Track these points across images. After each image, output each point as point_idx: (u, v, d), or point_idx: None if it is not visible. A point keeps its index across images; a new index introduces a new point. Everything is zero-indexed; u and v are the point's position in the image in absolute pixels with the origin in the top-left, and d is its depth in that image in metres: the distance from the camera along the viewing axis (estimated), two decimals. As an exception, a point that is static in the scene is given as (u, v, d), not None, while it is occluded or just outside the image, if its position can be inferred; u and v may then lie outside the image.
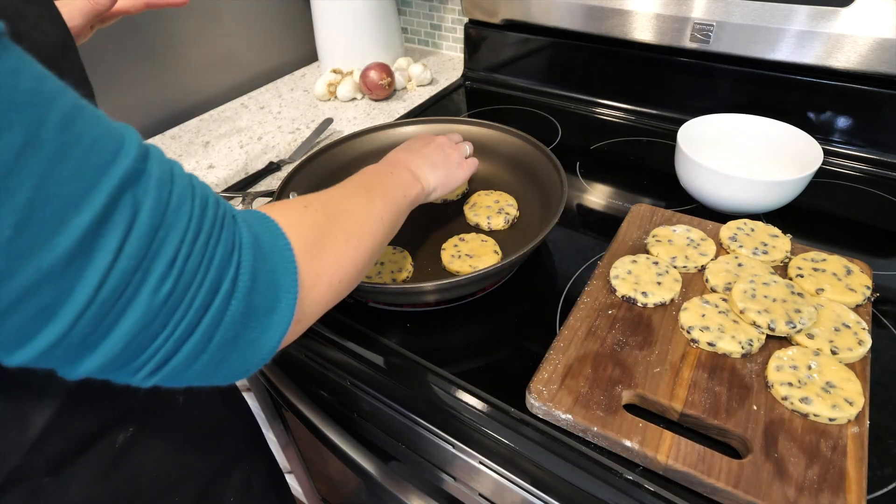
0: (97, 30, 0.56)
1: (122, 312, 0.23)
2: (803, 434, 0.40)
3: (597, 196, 0.73)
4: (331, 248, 0.35)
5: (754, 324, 0.47)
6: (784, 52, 0.73)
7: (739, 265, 0.53)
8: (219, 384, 0.29)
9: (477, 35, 1.01)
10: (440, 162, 0.56)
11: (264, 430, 0.95)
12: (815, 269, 0.52)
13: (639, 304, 0.51)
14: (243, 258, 0.28)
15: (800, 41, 0.72)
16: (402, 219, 0.49)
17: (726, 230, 0.58)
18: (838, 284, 0.50)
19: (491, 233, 0.64)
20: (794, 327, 0.46)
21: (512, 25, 0.96)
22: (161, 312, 0.24)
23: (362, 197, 0.43)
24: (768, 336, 0.47)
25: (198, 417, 0.46)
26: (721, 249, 0.57)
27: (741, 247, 0.55)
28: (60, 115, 0.21)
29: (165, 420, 0.43)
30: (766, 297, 0.48)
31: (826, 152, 0.71)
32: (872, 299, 0.50)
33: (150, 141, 0.92)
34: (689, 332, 0.47)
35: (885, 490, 0.40)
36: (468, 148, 0.63)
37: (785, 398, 0.42)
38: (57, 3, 0.38)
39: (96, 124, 0.23)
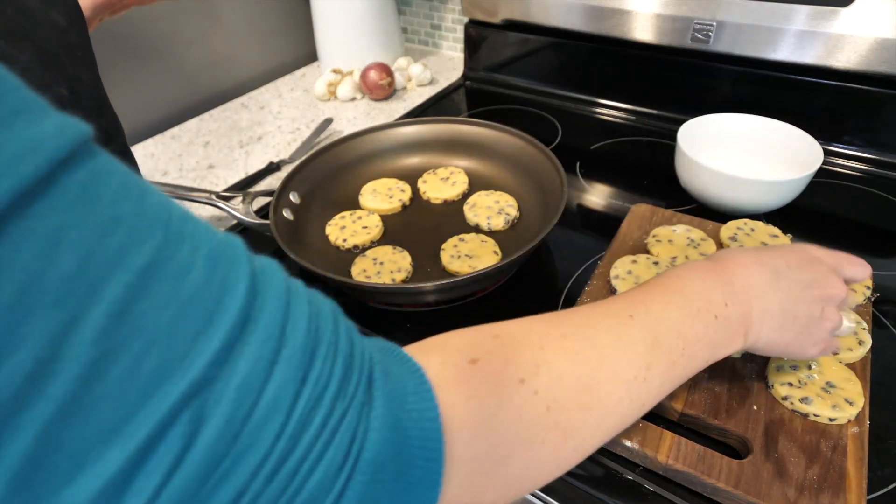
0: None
1: None
2: (803, 434, 0.40)
3: (597, 196, 0.73)
4: (526, 458, 0.23)
5: None
6: (784, 52, 0.73)
7: (739, 265, 0.53)
8: None
9: (477, 35, 1.01)
10: (803, 323, 0.35)
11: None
12: (815, 269, 0.52)
13: (639, 304, 0.51)
14: (352, 483, 0.18)
15: (800, 41, 0.72)
16: (687, 375, 0.32)
17: (726, 230, 0.58)
18: (838, 284, 0.50)
19: (491, 233, 0.64)
20: None
21: (512, 25, 0.96)
22: None
23: (637, 363, 0.27)
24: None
25: None
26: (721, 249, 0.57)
27: (741, 247, 0.55)
28: (109, 309, 0.14)
29: None
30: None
31: (826, 152, 0.71)
32: (872, 299, 0.50)
33: (150, 141, 0.93)
34: (689, 332, 0.47)
35: (885, 490, 0.40)
36: (848, 325, 0.38)
37: (785, 398, 0.42)
38: None
39: (174, 294, 0.16)
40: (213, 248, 0.18)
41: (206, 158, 0.87)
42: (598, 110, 0.92)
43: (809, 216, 0.66)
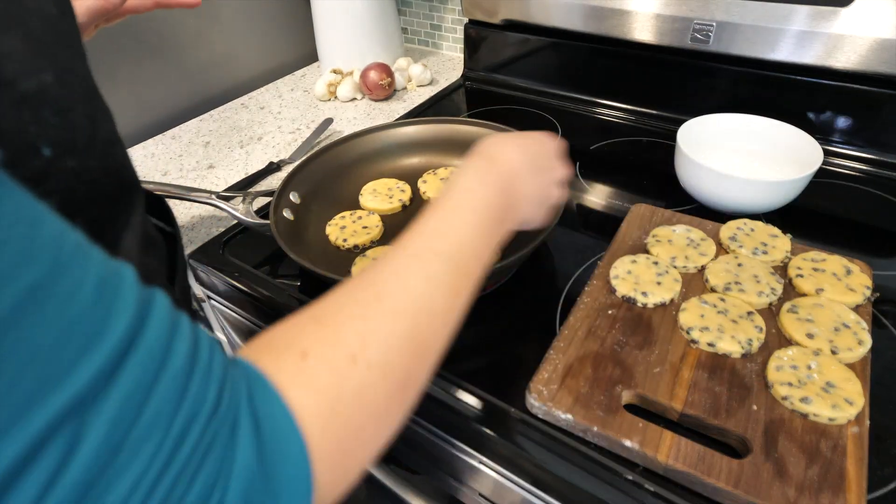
0: (95, 35, 0.56)
1: None
2: (803, 434, 0.40)
3: (597, 196, 0.73)
4: (376, 423, 0.25)
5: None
6: (784, 52, 0.73)
7: (739, 265, 0.53)
8: None
9: (477, 35, 1.01)
10: (542, 207, 0.44)
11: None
12: (815, 269, 0.52)
13: (639, 304, 0.51)
14: (229, 495, 0.19)
15: (800, 41, 0.72)
16: (484, 264, 0.36)
17: (726, 230, 0.58)
18: (838, 284, 0.50)
19: (491, 233, 0.64)
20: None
21: (512, 25, 0.96)
22: None
23: (448, 296, 0.30)
24: (767, 335, 0.47)
25: None
26: (721, 249, 0.57)
27: (741, 247, 0.55)
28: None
29: None
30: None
31: (826, 152, 0.71)
32: (872, 299, 0.50)
33: (150, 141, 0.93)
34: (688, 333, 0.47)
35: (885, 490, 0.40)
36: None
37: (785, 398, 0.42)
38: None
39: (59, 316, 0.16)
40: (103, 277, 0.19)
41: (206, 158, 0.87)
42: (598, 110, 0.92)
43: (809, 216, 0.66)
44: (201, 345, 0.21)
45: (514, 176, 0.39)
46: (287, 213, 0.63)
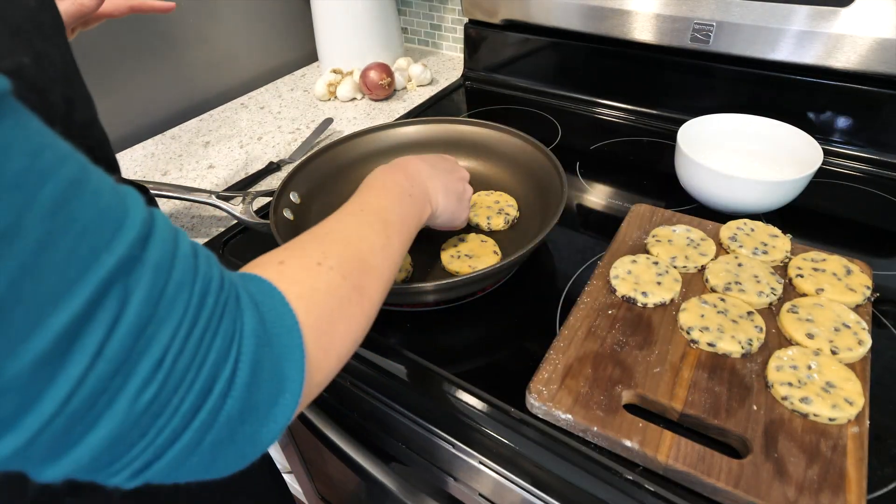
0: (99, 27, 0.56)
1: (93, 423, 0.20)
2: (803, 434, 0.40)
3: (597, 196, 0.73)
4: (344, 315, 0.32)
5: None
6: (784, 52, 0.73)
7: (739, 265, 0.53)
8: (213, 477, 0.26)
9: (477, 35, 1.01)
10: (454, 196, 0.52)
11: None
12: (815, 269, 0.52)
13: (639, 304, 0.51)
14: (244, 350, 0.24)
15: (800, 41, 0.72)
16: (406, 246, 0.44)
17: (726, 230, 0.58)
18: (838, 284, 0.50)
19: (491, 233, 0.64)
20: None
21: (512, 25, 0.96)
22: (141, 420, 0.21)
23: (381, 237, 0.38)
24: (767, 335, 0.47)
25: None
26: (721, 249, 0.57)
27: (741, 247, 0.55)
28: (52, 197, 0.19)
29: None
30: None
31: (826, 152, 0.71)
32: (872, 299, 0.50)
33: (150, 141, 0.93)
34: (688, 333, 0.47)
35: (885, 490, 0.40)
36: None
37: (785, 398, 0.42)
38: None
39: (95, 202, 0.21)
40: (113, 183, 0.23)
41: (205, 158, 0.87)
42: (598, 110, 0.92)
43: (809, 216, 0.66)
44: (197, 245, 0.26)
45: (414, 167, 0.49)
46: (287, 213, 0.63)
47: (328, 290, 0.31)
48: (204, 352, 0.23)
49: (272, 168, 0.83)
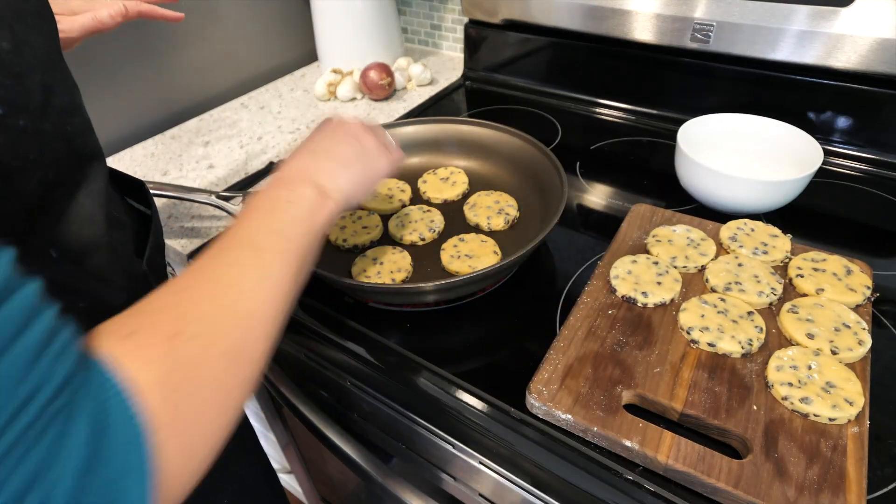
0: (95, 35, 0.57)
1: None
2: (803, 434, 0.40)
3: (597, 196, 0.73)
4: (214, 394, 0.27)
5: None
6: (784, 52, 0.73)
7: (739, 265, 0.53)
8: None
9: (477, 35, 1.01)
10: (353, 156, 0.45)
11: (264, 430, 0.95)
12: (815, 269, 0.52)
13: (639, 304, 0.51)
14: (62, 478, 0.20)
15: (800, 41, 0.72)
16: (313, 257, 0.38)
17: (726, 230, 0.58)
18: (838, 284, 0.50)
19: (491, 233, 0.64)
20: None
21: (512, 25, 0.96)
22: None
23: (253, 271, 0.32)
24: (767, 335, 0.47)
25: None
26: (721, 249, 0.57)
27: (741, 247, 0.55)
28: None
29: None
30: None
31: (826, 152, 0.71)
32: (872, 299, 0.50)
33: (150, 141, 0.93)
34: (688, 333, 0.47)
35: (885, 490, 0.40)
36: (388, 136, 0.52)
37: (785, 398, 0.42)
38: (57, 16, 0.39)
39: None
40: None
41: (206, 158, 0.87)
42: (598, 110, 0.92)
43: (809, 216, 0.66)
44: (61, 331, 0.22)
45: (289, 165, 0.42)
46: (287, 213, 0.63)
47: (190, 368, 0.26)
48: (3, 476, 0.19)
49: (272, 168, 0.83)
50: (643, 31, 0.82)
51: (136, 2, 0.56)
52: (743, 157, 0.71)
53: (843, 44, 0.69)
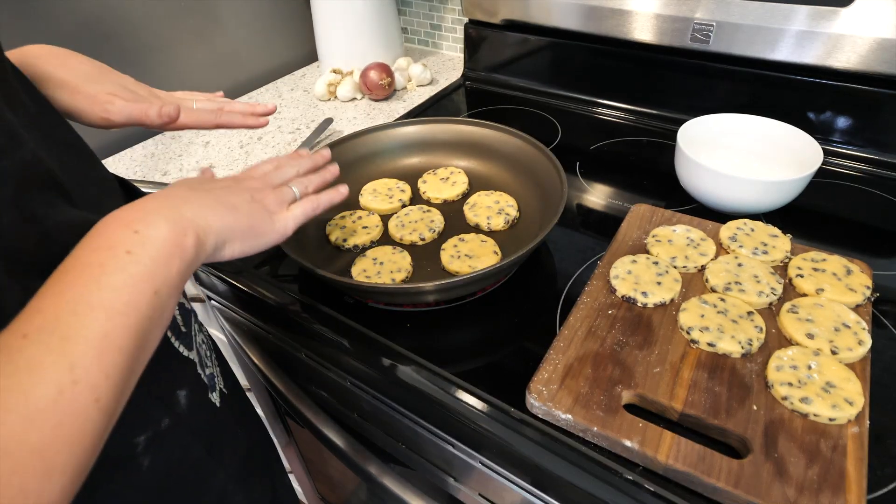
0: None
1: None
2: (803, 434, 0.40)
3: (597, 196, 0.73)
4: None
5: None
6: (784, 52, 0.73)
7: (739, 265, 0.53)
8: None
9: (477, 35, 1.01)
10: (240, 203, 0.39)
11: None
12: (815, 269, 0.52)
13: (639, 304, 0.51)
14: None
15: (800, 41, 0.72)
16: (164, 320, 0.29)
17: (726, 230, 0.58)
18: (838, 284, 0.50)
19: (491, 233, 0.64)
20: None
21: (512, 25, 0.96)
22: None
23: (58, 373, 0.23)
24: (767, 335, 0.47)
25: (207, 428, 0.45)
26: (721, 249, 0.57)
27: (741, 247, 0.55)
28: None
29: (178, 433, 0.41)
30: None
31: (826, 152, 0.71)
32: (872, 299, 0.50)
33: (150, 141, 0.93)
34: (688, 333, 0.47)
35: (885, 490, 0.40)
36: (304, 186, 0.46)
37: (785, 398, 0.42)
38: (111, 95, 0.40)
39: None
40: None
41: (206, 158, 0.87)
42: (598, 110, 0.92)
43: (809, 216, 0.66)
44: None
45: (152, 196, 0.33)
46: (287, 213, 0.63)
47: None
48: None
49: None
50: (643, 31, 0.82)
51: (189, 113, 0.54)
52: (743, 157, 0.71)
53: (843, 44, 0.69)
